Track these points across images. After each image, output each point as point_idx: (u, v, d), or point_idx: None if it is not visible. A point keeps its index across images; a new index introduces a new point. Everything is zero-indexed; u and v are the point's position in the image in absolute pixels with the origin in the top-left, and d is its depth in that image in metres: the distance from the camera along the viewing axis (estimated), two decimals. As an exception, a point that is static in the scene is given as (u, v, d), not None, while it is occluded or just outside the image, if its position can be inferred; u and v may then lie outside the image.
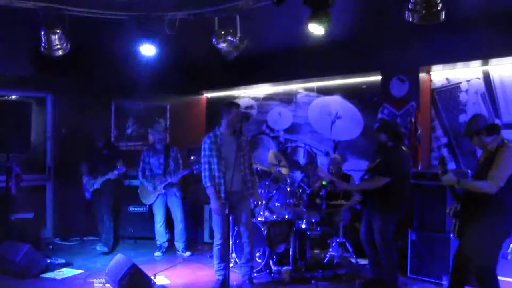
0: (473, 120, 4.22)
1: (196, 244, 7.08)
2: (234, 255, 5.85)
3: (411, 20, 4.12)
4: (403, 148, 5.19)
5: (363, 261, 5.97)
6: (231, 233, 5.10)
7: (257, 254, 5.59)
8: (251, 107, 8.59)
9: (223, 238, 4.99)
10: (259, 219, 5.90)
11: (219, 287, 5.07)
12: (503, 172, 3.91)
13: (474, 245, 4.04)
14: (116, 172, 6.63)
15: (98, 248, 6.71)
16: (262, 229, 5.56)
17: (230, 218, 5.05)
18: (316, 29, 4.67)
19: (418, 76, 6.16)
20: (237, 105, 5.25)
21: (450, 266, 4.41)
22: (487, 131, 4.09)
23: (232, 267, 5.66)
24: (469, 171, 5.21)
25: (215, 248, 5.13)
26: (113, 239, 6.89)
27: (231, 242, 5.58)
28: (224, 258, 4.95)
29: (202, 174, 5.09)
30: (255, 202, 5.85)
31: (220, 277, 5.08)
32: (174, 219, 6.76)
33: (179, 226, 6.74)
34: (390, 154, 5.07)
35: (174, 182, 6.62)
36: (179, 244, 6.76)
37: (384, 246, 5.05)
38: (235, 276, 5.29)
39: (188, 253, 6.71)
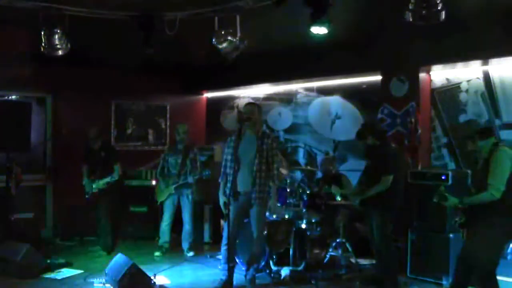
0: (467, 126, 4.26)
1: (196, 244, 7.08)
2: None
3: (411, 20, 4.11)
4: (392, 145, 5.31)
5: (363, 261, 5.97)
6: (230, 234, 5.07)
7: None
8: (251, 107, 8.58)
9: (227, 238, 4.99)
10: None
11: (222, 286, 5.07)
12: (501, 177, 3.92)
13: (476, 246, 4.05)
14: (112, 177, 6.60)
15: (97, 254, 6.68)
16: (262, 229, 5.55)
17: (231, 217, 5.01)
18: (317, 30, 4.67)
19: (418, 76, 6.15)
20: (250, 104, 5.25)
21: (455, 266, 4.41)
22: (480, 136, 4.09)
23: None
24: (469, 171, 5.21)
25: (222, 249, 5.14)
26: (112, 241, 6.89)
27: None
28: (228, 259, 4.95)
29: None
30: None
31: (224, 277, 5.07)
32: (182, 219, 6.76)
33: (186, 227, 6.75)
34: (384, 153, 5.15)
35: (190, 182, 6.61)
36: (185, 245, 6.77)
37: (383, 244, 5.08)
38: (237, 276, 5.28)
39: (191, 253, 6.71)
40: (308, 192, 6.15)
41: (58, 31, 5.08)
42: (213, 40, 5.21)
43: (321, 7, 4.42)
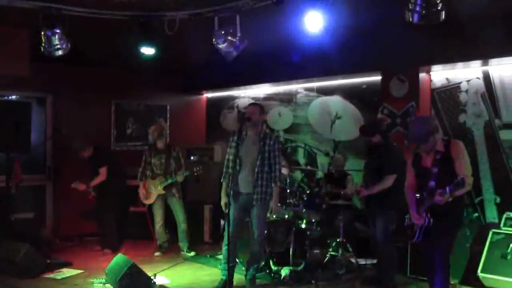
0: (423, 122, 4.25)
1: (196, 244, 7.08)
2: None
3: (411, 20, 4.11)
4: (394, 143, 5.36)
5: (363, 261, 5.97)
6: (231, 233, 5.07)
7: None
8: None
9: (228, 238, 4.97)
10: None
11: (221, 287, 5.07)
12: (469, 166, 4.07)
13: (446, 237, 4.15)
14: (94, 182, 6.65)
15: (102, 254, 6.67)
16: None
17: (231, 216, 5.00)
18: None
19: (418, 76, 6.15)
20: (252, 104, 5.26)
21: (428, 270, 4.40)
22: (437, 130, 4.18)
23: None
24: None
25: (223, 248, 5.14)
26: (118, 240, 6.90)
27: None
28: (228, 259, 4.93)
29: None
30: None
31: (224, 277, 5.08)
32: (176, 219, 6.75)
33: (181, 226, 6.73)
34: (388, 152, 5.17)
35: (179, 181, 6.60)
36: (183, 244, 6.76)
37: (385, 242, 5.09)
38: (237, 276, 5.29)
39: (192, 253, 6.71)
40: (308, 192, 6.16)
41: (58, 31, 5.08)
42: (213, 40, 5.21)
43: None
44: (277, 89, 8.27)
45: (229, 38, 5.16)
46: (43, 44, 5.19)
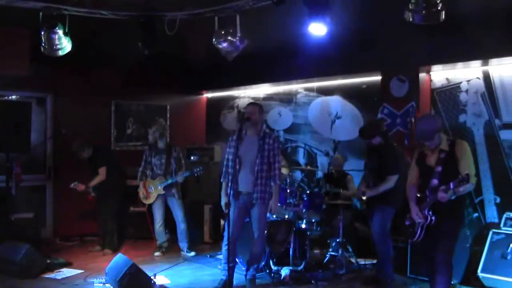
0: (430, 120, 4.28)
1: (196, 244, 7.08)
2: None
3: (410, 20, 4.12)
4: (394, 143, 5.39)
5: (363, 261, 5.97)
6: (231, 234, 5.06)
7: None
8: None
9: (228, 238, 4.97)
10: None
11: (221, 287, 5.07)
12: (473, 166, 4.09)
13: (448, 236, 4.14)
14: (94, 182, 6.64)
15: (102, 254, 6.67)
16: (262, 229, 5.55)
17: (231, 216, 4.99)
18: (315, 29, 4.68)
19: (418, 76, 6.16)
20: (252, 104, 5.26)
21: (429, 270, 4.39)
22: (440, 130, 4.18)
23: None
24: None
25: (223, 248, 5.14)
26: (117, 240, 6.90)
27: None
28: (228, 259, 4.93)
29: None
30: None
31: (224, 277, 5.08)
32: (175, 219, 6.75)
33: (181, 226, 6.73)
34: (389, 152, 5.18)
35: (179, 181, 6.60)
36: (183, 244, 6.76)
37: (382, 240, 5.10)
38: (237, 276, 5.29)
39: (193, 253, 6.70)
40: (308, 192, 6.15)
41: (58, 31, 5.08)
42: (213, 40, 5.22)
43: (319, 6, 4.43)
44: (277, 89, 8.27)
45: (229, 38, 5.17)
46: (43, 44, 5.19)
